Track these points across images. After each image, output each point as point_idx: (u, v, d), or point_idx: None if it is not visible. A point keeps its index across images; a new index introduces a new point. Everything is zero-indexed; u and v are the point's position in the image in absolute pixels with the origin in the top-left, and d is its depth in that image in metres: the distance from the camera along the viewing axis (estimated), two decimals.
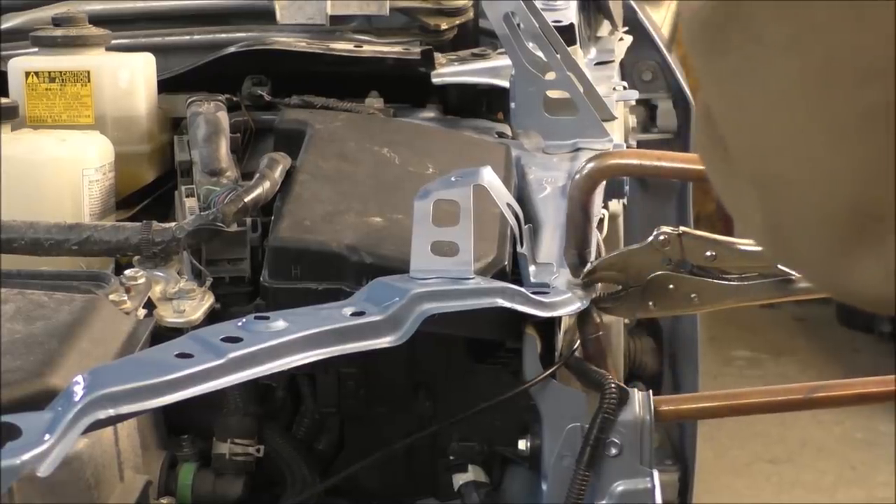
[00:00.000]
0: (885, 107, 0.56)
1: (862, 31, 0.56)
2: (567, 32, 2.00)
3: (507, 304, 1.33)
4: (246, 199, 1.52)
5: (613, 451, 1.38)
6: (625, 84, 2.12)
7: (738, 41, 0.60)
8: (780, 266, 1.39)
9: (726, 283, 1.45)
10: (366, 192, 1.57)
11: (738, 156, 0.64)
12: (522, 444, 1.47)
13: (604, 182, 1.54)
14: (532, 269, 1.46)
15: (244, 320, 1.18)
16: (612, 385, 1.38)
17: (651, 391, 1.43)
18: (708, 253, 1.44)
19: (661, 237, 1.45)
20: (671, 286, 1.46)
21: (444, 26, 2.12)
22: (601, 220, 1.59)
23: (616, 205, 1.86)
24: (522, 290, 1.36)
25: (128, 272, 1.40)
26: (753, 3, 0.59)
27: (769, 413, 1.56)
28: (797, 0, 0.58)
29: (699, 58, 0.63)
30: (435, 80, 1.96)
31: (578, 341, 1.49)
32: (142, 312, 1.36)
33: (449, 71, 1.98)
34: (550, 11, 2.06)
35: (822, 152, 0.59)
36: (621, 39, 2.40)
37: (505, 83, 1.91)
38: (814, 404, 1.51)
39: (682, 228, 1.45)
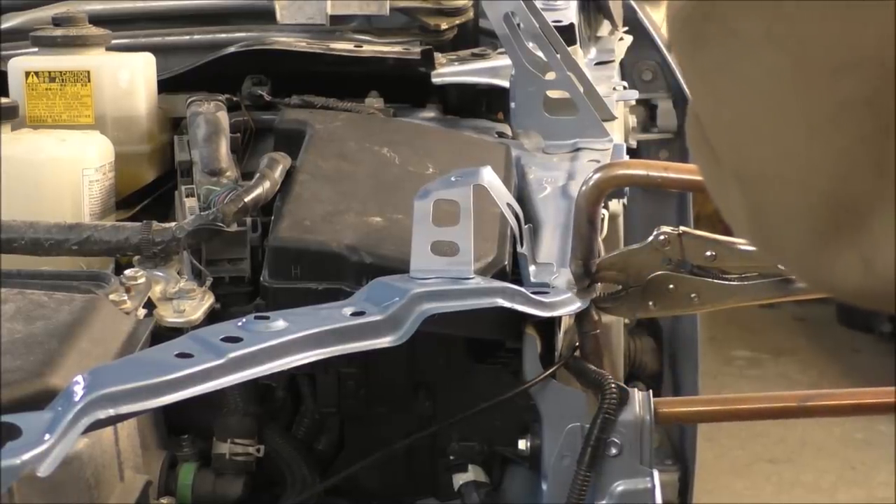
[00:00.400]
0: (860, 99, 0.56)
1: (833, 23, 0.56)
2: (567, 32, 2.00)
3: (507, 304, 1.33)
4: (246, 199, 1.52)
5: (613, 450, 1.38)
6: (625, 84, 2.12)
7: (716, 36, 0.61)
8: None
9: (726, 283, 1.45)
10: (366, 192, 1.57)
11: (720, 151, 0.64)
12: (522, 444, 1.47)
13: None
14: (532, 269, 1.46)
15: (244, 320, 1.18)
16: (613, 385, 1.38)
17: (651, 391, 1.43)
18: (708, 253, 1.44)
19: (661, 237, 1.45)
20: (671, 286, 1.46)
21: (444, 26, 2.12)
22: (601, 220, 1.59)
23: (616, 205, 1.86)
24: (522, 290, 1.36)
25: (128, 272, 1.40)
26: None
27: (766, 419, 1.57)
28: None
29: (682, 55, 0.63)
30: (435, 80, 1.96)
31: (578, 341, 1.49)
32: (142, 312, 1.36)
33: (449, 71, 1.98)
34: (550, 11, 2.06)
35: (798, 145, 0.59)
36: (621, 39, 2.40)
37: (505, 83, 1.91)
38: (809, 412, 1.51)
39: (682, 228, 1.45)
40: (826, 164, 0.58)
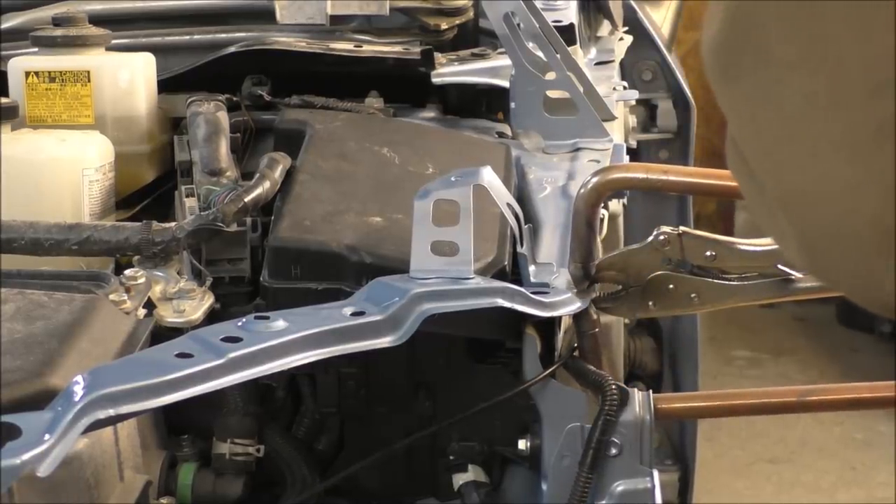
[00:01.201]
0: None
1: (868, 43, 0.56)
2: (567, 32, 2.00)
3: (507, 304, 1.33)
4: (246, 199, 1.52)
5: (613, 451, 1.37)
6: (625, 84, 2.12)
7: (749, 64, 0.60)
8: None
9: (726, 283, 1.45)
10: (366, 192, 1.57)
11: (762, 177, 0.64)
12: (522, 444, 1.47)
13: None
14: (532, 269, 1.46)
15: (244, 320, 1.18)
16: (613, 386, 1.38)
17: (651, 391, 1.43)
18: (708, 253, 1.44)
19: (661, 237, 1.45)
20: (671, 286, 1.46)
21: (444, 26, 2.12)
22: (601, 221, 1.59)
23: (616, 205, 1.85)
24: (522, 290, 1.36)
25: (128, 272, 1.40)
26: (761, 25, 0.59)
27: (766, 414, 1.57)
28: (803, 17, 0.58)
29: (717, 85, 0.63)
30: (435, 80, 1.96)
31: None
32: (142, 312, 1.36)
33: (449, 71, 1.98)
34: (550, 11, 2.06)
35: (840, 169, 0.59)
36: (621, 39, 2.39)
37: (505, 83, 1.91)
38: (808, 407, 1.51)
39: (682, 228, 1.45)
40: (869, 187, 0.58)
